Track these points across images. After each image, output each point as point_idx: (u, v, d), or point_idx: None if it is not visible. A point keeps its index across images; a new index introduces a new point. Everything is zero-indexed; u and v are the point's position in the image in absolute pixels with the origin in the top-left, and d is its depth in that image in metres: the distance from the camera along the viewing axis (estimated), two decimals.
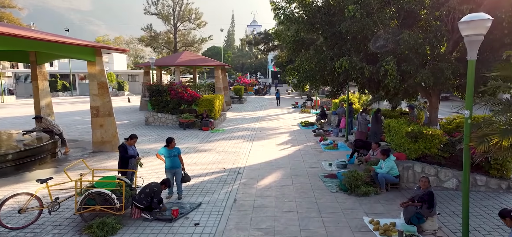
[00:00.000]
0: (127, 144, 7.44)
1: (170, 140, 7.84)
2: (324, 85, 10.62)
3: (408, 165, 8.36)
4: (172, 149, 7.86)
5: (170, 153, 7.85)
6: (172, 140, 7.86)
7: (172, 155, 7.83)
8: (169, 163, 7.86)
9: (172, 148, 7.87)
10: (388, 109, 14.44)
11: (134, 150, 7.61)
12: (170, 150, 7.82)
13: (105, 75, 11.60)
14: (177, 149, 7.87)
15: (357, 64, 8.29)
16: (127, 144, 7.44)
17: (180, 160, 7.84)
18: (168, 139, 7.89)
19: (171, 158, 7.84)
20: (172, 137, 7.94)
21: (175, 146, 7.94)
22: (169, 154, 7.84)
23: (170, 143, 7.80)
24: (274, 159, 11.76)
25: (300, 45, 10.95)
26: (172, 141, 7.85)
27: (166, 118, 18.56)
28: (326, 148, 13.02)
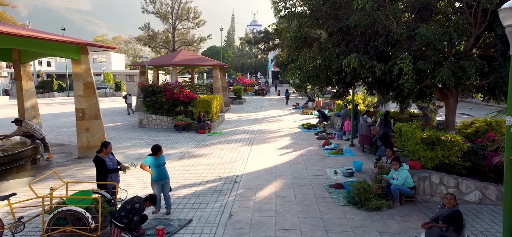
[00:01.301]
0: (103, 155, 6.50)
1: (157, 148, 6.94)
2: (328, 86, 9.73)
3: (424, 175, 7.46)
4: (159, 157, 6.96)
5: (158, 163, 6.95)
6: (160, 148, 6.96)
7: (160, 164, 6.94)
8: (156, 174, 6.96)
9: (159, 156, 6.97)
10: (396, 111, 13.54)
11: (113, 159, 6.68)
12: (158, 159, 6.92)
13: (92, 74, 10.72)
14: (164, 157, 6.97)
15: (367, 63, 7.40)
16: (103, 155, 6.51)
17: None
18: (155, 147, 6.99)
19: (159, 168, 6.95)
20: (159, 145, 7.03)
21: (162, 153, 7.03)
22: (157, 164, 6.94)
23: (157, 152, 6.90)
24: (274, 165, 10.87)
25: (302, 42, 10.06)
26: (160, 149, 6.95)
27: (161, 120, 17.68)
28: (330, 153, 12.13)
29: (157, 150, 6.91)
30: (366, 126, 12.03)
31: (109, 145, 6.51)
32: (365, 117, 12.14)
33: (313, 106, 27.31)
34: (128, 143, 13.74)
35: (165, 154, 11.99)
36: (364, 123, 12.07)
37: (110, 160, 6.49)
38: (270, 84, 62.28)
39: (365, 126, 12.05)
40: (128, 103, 23.52)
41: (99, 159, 6.39)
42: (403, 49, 7.27)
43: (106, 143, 6.52)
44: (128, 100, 23.63)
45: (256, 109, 27.70)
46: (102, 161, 6.37)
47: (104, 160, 6.40)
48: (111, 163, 6.47)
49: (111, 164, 6.46)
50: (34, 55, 12.03)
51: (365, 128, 12.07)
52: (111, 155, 6.63)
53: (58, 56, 10.64)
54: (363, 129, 12.11)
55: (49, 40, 9.19)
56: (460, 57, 7.11)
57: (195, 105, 17.69)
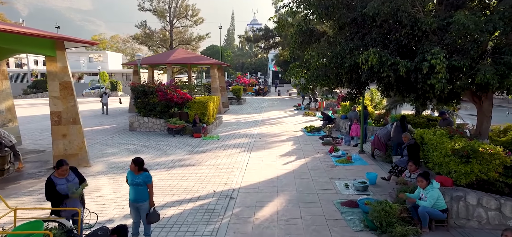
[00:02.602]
0: (56, 175, 5.19)
1: (138, 163, 5.63)
2: (338, 86, 8.46)
3: (458, 195, 6.19)
4: (138, 174, 5.65)
5: (134, 180, 5.64)
6: (140, 163, 5.64)
7: (136, 182, 5.62)
8: (131, 193, 5.67)
9: (138, 173, 5.65)
10: (410, 114, 12.28)
11: (73, 180, 5.31)
12: (133, 176, 5.63)
13: (69, 73, 9.44)
14: (144, 175, 5.62)
15: (389, 59, 6.12)
16: (56, 176, 5.19)
17: (149, 192, 5.61)
18: (135, 160, 5.69)
19: (135, 187, 5.62)
20: (141, 159, 5.71)
21: (144, 171, 5.69)
22: (133, 181, 5.64)
23: (135, 165, 5.60)
24: (276, 176, 9.60)
25: (308, 37, 8.79)
26: (140, 164, 5.64)
27: (153, 123, 16.40)
28: (338, 162, 10.85)
29: (136, 164, 5.62)
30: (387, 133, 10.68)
31: (63, 166, 5.15)
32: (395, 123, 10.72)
33: (316, 107, 26.03)
34: (114, 149, 12.46)
35: (154, 163, 10.78)
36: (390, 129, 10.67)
37: (65, 183, 5.17)
38: (270, 84, 61.06)
39: (387, 133, 10.69)
40: (104, 102, 22.70)
41: (48, 181, 5.10)
42: (432, 42, 6.00)
43: (59, 163, 5.18)
44: (103, 99, 22.79)
45: (256, 110, 26.42)
46: (50, 183, 5.06)
47: (53, 181, 5.09)
48: (64, 187, 5.14)
49: (64, 188, 5.14)
50: (5, 52, 10.75)
51: (387, 134, 10.71)
52: (72, 176, 5.30)
53: (30, 52, 9.39)
54: (384, 133, 10.76)
55: (16, 33, 7.91)
56: (503, 52, 5.84)
57: (190, 106, 16.41)
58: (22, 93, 40.86)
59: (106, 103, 22.88)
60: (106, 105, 22.88)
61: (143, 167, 5.68)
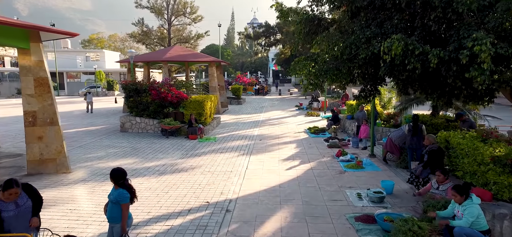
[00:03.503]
0: (2, 199, 4.03)
1: (112, 176, 4.57)
2: (350, 83, 7.38)
3: (502, 212, 5.12)
4: (116, 189, 4.58)
5: (109, 195, 4.62)
6: (115, 176, 4.56)
7: (110, 199, 4.58)
8: (107, 210, 4.64)
9: (116, 187, 4.59)
10: (425, 114, 11.21)
11: (24, 204, 4.11)
12: (112, 190, 4.59)
13: (46, 68, 8.38)
14: (118, 193, 4.53)
15: (417, 47, 5.05)
16: (2, 199, 4.04)
17: (122, 215, 4.53)
18: (111, 173, 4.62)
19: (110, 204, 4.60)
20: (118, 172, 4.61)
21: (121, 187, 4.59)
22: (109, 196, 4.62)
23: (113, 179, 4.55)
24: (279, 184, 8.52)
25: (315, 26, 7.71)
26: (114, 177, 4.56)
27: (146, 124, 15.34)
28: (347, 167, 9.77)
29: (113, 176, 4.56)
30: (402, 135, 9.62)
31: (12, 189, 3.94)
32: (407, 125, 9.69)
33: (319, 107, 24.97)
34: (101, 153, 11.39)
35: (143, 168, 9.70)
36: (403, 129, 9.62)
37: (13, 209, 4.00)
38: (270, 83, 60.08)
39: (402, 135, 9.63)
40: (88, 101, 22.53)
41: None
42: (470, 26, 4.92)
43: (7, 184, 3.95)
44: (88, 98, 22.61)
45: (256, 110, 25.36)
46: None
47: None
48: (12, 214, 3.98)
49: (11, 216, 3.98)
50: None
51: (402, 136, 9.64)
52: (24, 198, 4.13)
53: (2, 44, 8.30)
54: (398, 135, 9.69)
55: None
56: None
57: (186, 106, 15.35)
58: (16, 93, 39.83)
59: (90, 102, 22.69)
60: (90, 104, 22.70)
61: (119, 181, 4.61)
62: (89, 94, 23.17)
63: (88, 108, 22.75)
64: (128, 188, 4.69)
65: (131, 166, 9.86)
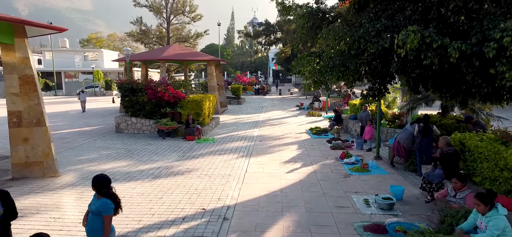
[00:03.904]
0: None
1: (94, 183, 4.06)
2: (358, 80, 6.85)
3: None
4: (98, 198, 4.07)
5: (90, 205, 4.11)
6: (97, 184, 4.05)
7: (91, 210, 4.07)
8: (88, 223, 4.13)
9: (99, 197, 4.07)
10: (433, 114, 10.69)
11: None
12: (94, 200, 4.08)
13: (32, 65, 7.86)
14: (101, 203, 4.00)
15: (435, 40, 4.53)
16: None
17: (104, 227, 4.00)
18: (93, 180, 4.10)
19: (90, 215, 4.09)
20: (101, 179, 4.10)
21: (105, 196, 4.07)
22: (90, 206, 4.11)
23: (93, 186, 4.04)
24: (280, 189, 8.00)
25: (319, 20, 7.19)
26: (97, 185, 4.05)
27: (142, 124, 14.82)
28: (352, 170, 9.25)
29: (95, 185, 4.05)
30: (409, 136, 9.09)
31: None
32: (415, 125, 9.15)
33: (320, 107, 24.44)
34: (93, 155, 10.87)
35: (136, 172, 9.16)
36: (411, 130, 9.08)
37: None
38: (270, 83, 59.57)
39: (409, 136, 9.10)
40: (82, 100, 22.54)
41: None
42: (496, 16, 4.40)
43: None
44: (81, 97, 22.62)
45: (256, 110, 24.84)
46: None
47: None
48: None
49: None
50: None
51: (407, 137, 9.13)
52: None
53: None
54: (404, 137, 9.16)
55: None
56: None
57: (183, 106, 14.83)
58: None
59: (84, 101, 22.61)
60: (84, 103, 22.64)
61: (103, 190, 4.09)
62: (83, 93, 23.05)
63: (82, 107, 22.69)
64: (113, 197, 4.18)
65: (124, 169, 9.35)
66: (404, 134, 9.27)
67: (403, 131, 9.35)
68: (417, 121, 9.33)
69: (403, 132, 9.31)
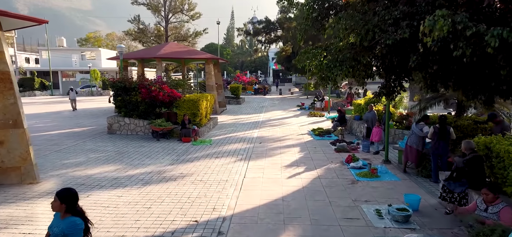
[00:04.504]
0: None
1: (62, 196, 3.32)
2: (369, 77, 6.10)
3: None
4: (63, 218, 3.33)
5: (52, 226, 3.38)
6: (65, 197, 3.32)
7: (54, 232, 3.32)
8: None
9: (65, 215, 3.33)
10: (447, 114, 9.95)
11: None
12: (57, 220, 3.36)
13: (7, 60, 7.11)
14: (68, 223, 3.26)
15: (469, 27, 3.78)
16: None
17: None
18: (59, 193, 3.35)
19: None
20: (68, 192, 3.37)
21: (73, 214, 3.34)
22: (51, 227, 3.38)
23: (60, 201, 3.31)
24: (282, 197, 7.25)
25: (325, 10, 6.44)
26: (65, 198, 3.31)
27: (135, 125, 14.07)
28: (360, 176, 8.50)
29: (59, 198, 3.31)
30: (419, 137, 8.40)
31: None
32: (421, 124, 8.46)
33: (322, 107, 23.70)
34: (80, 158, 10.12)
35: (125, 177, 8.37)
36: (419, 133, 8.39)
37: None
38: (270, 83, 58.86)
39: (418, 137, 8.41)
40: (71, 98, 22.29)
41: None
42: None
43: None
44: (71, 95, 22.39)
45: (255, 110, 24.09)
46: None
47: None
48: None
49: None
50: None
51: (418, 139, 8.42)
52: None
53: None
54: (415, 140, 8.45)
55: None
56: None
57: (179, 105, 14.08)
58: None
59: (73, 99, 22.28)
60: (74, 101, 22.31)
61: (73, 207, 3.36)
62: (72, 91, 22.68)
63: (72, 106, 22.37)
64: (81, 214, 3.44)
65: (112, 174, 8.60)
66: (414, 138, 8.54)
67: (412, 135, 8.63)
68: (423, 119, 8.61)
69: (413, 136, 8.58)
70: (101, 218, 5.98)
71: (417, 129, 8.38)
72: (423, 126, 8.45)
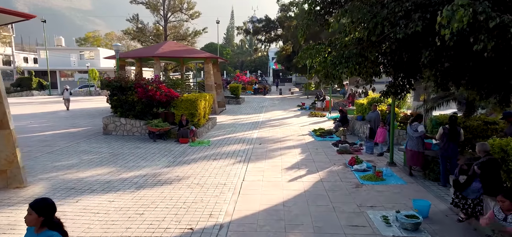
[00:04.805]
0: None
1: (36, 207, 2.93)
2: (376, 75, 5.71)
3: None
4: (39, 232, 2.94)
5: None
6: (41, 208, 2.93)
7: None
8: None
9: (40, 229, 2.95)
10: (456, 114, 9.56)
11: None
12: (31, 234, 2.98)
13: None
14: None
15: (492, 17, 3.40)
16: None
17: None
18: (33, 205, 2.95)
19: None
20: (49, 201, 2.99)
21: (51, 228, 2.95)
22: None
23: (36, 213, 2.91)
24: (283, 201, 6.87)
25: (328, 3, 6.05)
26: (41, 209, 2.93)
27: (132, 125, 13.68)
28: (364, 179, 8.11)
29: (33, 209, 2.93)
30: (416, 138, 8.05)
31: None
32: (415, 125, 8.13)
33: (322, 107, 23.30)
34: (73, 160, 9.73)
35: (118, 180, 7.92)
36: (413, 134, 8.07)
37: None
38: (270, 83, 58.49)
39: (415, 138, 8.06)
40: (65, 98, 22.30)
41: None
42: None
43: None
44: (64, 95, 22.42)
45: (255, 111, 23.70)
46: None
47: None
48: None
49: None
50: None
51: (416, 141, 8.07)
52: None
53: None
54: (413, 142, 8.10)
55: None
56: None
57: (176, 105, 13.69)
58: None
59: (67, 99, 22.22)
60: (67, 101, 22.27)
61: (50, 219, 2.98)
62: (66, 91, 22.64)
63: (66, 105, 22.41)
64: (59, 227, 3.05)
65: (105, 177, 8.21)
66: (410, 141, 8.18)
67: (409, 138, 8.26)
68: (416, 119, 8.23)
69: (409, 140, 8.22)
70: (89, 226, 5.60)
71: (412, 130, 8.01)
72: (418, 126, 8.09)
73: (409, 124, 8.25)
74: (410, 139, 8.12)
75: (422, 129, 8.06)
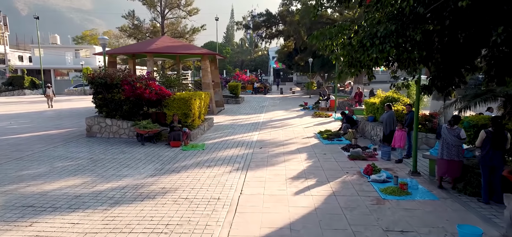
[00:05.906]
0: None
1: None
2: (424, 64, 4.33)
3: None
4: None
5: None
6: None
7: None
8: None
9: None
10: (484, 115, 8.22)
11: None
12: None
13: None
14: None
15: None
16: None
17: None
18: None
19: None
20: None
21: None
22: None
23: None
24: (289, 223, 5.52)
25: None
26: None
27: (118, 127, 12.33)
28: (386, 193, 6.74)
29: None
30: (459, 146, 6.65)
31: None
32: (457, 129, 6.69)
33: (327, 107, 21.94)
34: (43, 168, 8.37)
35: (91, 194, 6.28)
36: (455, 142, 6.62)
37: None
38: (271, 82, 57.18)
39: (458, 146, 6.65)
40: (47, 95, 22.10)
41: None
42: None
43: None
44: (47, 92, 22.17)
45: (255, 110, 22.34)
46: None
47: None
48: None
49: None
50: None
51: (456, 149, 6.67)
52: None
53: None
54: (453, 150, 6.67)
55: None
56: None
57: (168, 105, 12.33)
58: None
59: (49, 95, 21.99)
60: (49, 98, 22.05)
61: None
62: (48, 88, 22.21)
63: (49, 103, 21.96)
64: None
65: (75, 190, 6.86)
66: (447, 149, 6.73)
67: (447, 143, 6.77)
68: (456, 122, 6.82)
69: (449, 145, 6.73)
70: None
71: (452, 136, 6.61)
72: (460, 131, 6.70)
73: (448, 128, 6.80)
74: (447, 147, 6.68)
75: (464, 135, 6.69)
